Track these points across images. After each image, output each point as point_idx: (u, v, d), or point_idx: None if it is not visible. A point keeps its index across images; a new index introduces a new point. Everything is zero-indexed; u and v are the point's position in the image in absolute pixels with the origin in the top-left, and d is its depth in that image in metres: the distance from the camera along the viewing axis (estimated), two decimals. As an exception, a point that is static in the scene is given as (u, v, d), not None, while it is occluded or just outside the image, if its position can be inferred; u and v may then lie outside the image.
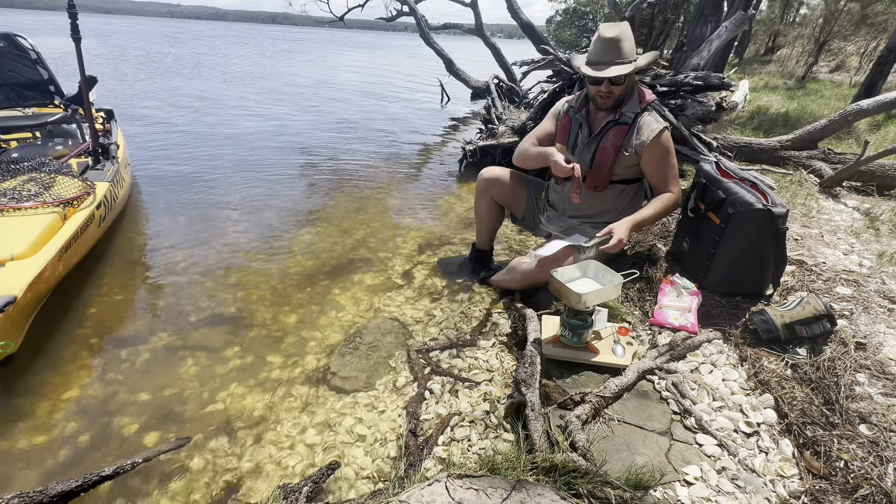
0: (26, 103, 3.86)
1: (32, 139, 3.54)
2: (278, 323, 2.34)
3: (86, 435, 1.68)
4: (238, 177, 4.54)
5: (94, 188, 2.69)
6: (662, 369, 1.68)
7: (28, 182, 2.54)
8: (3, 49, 3.75)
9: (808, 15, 17.71)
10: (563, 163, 2.05)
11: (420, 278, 2.80)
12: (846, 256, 2.33)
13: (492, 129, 5.11)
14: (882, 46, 9.72)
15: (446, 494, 1.11)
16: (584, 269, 1.80)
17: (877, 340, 1.62)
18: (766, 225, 1.80)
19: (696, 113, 3.91)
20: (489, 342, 2.16)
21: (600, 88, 2.02)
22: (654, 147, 2.02)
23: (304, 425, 1.74)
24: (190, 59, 17.03)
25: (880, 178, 3.56)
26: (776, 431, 1.44)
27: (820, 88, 10.58)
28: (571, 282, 1.73)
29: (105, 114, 4.25)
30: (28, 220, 2.23)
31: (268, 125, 7.03)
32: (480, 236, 2.75)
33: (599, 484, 1.19)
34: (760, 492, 1.26)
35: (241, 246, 3.12)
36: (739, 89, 8.08)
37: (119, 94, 8.56)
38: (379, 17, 11.39)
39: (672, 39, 16.92)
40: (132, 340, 2.18)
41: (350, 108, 9.12)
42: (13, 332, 1.89)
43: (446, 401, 1.81)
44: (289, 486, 1.45)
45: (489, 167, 2.58)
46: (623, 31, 1.97)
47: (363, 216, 3.74)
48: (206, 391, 1.89)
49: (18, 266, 1.98)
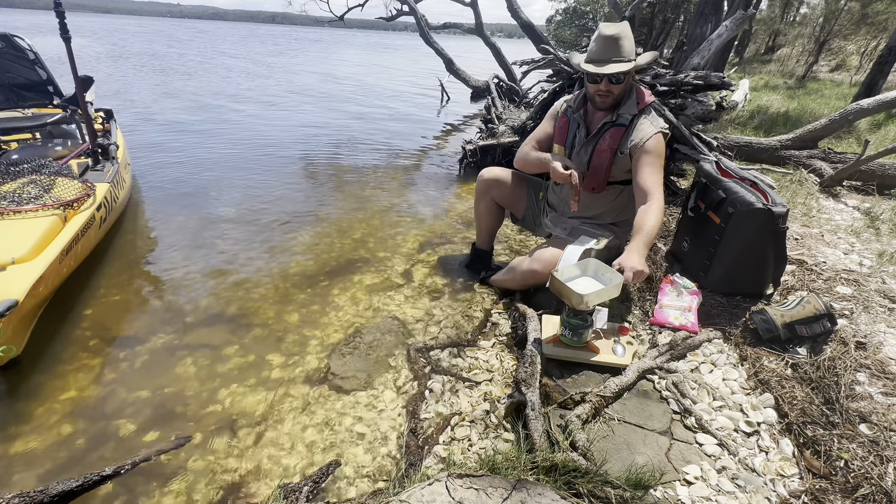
0: (26, 104, 3.85)
1: (32, 140, 3.53)
2: (279, 322, 2.34)
3: (86, 435, 1.67)
4: (238, 176, 4.54)
5: (93, 190, 2.68)
6: (663, 369, 1.69)
7: (28, 184, 2.53)
8: (0, 50, 3.73)
9: (808, 14, 17.69)
10: (560, 169, 2.04)
11: (420, 277, 2.80)
12: (846, 256, 2.33)
13: (492, 129, 5.11)
14: (882, 45, 9.72)
15: (447, 494, 1.11)
16: (583, 267, 1.80)
17: (877, 340, 1.62)
18: (767, 224, 1.80)
19: (696, 112, 3.91)
20: (489, 342, 2.16)
21: (599, 87, 2.01)
22: (645, 151, 1.98)
23: (304, 424, 1.74)
24: (190, 59, 17.02)
25: (880, 178, 3.56)
26: (776, 431, 1.44)
27: (820, 88, 10.58)
28: (572, 281, 1.73)
29: (104, 114, 4.24)
30: (28, 223, 2.22)
31: (267, 125, 7.03)
32: (480, 236, 2.75)
33: (600, 483, 1.19)
34: (760, 491, 1.26)
35: (241, 245, 3.12)
36: (740, 89, 8.09)
37: (120, 94, 8.57)
38: (379, 17, 11.40)
39: (672, 39, 16.93)
40: (132, 340, 2.18)
41: (350, 107, 9.11)
42: (16, 336, 1.88)
43: (447, 400, 1.81)
44: (289, 486, 1.45)
45: (489, 167, 2.58)
46: (623, 30, 1.96)
47: (363, 215, 3.74)
48: (207, 391, 1.89)
49: (20, 270, 1.97)
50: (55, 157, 3.17)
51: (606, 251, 2.22)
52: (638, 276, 1.67)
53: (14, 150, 3.32)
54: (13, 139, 3.44)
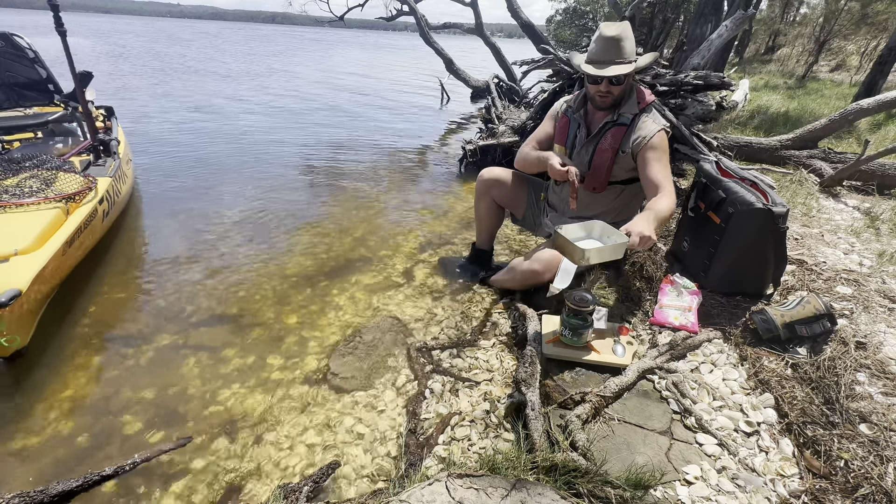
0: (27, 103, 3.88)
1: (34, 139, 3.56)
2: (279, 322, 2.34)
3: (87, 434, 1.68)
4: (238, 176, 4.54)
5: (95, 183, 2.70)
6: (663, 369, 1.69)
7: (30, 179, 2.56)
8: (0, 49, 3.76)
9: (808, 14, 17.70)
10: (558, 166, 2.04)
11: (420, 277, 2.80)
12: (846, 256, 2.33)
13: (492, 129, 5.11)
14: (882, 45, 9.72)
15: (447, 494, 1.11)
16: (589, 229, 1.78)
17: (877, 340, 1.62)
18: (767, 224, 1.80)
19: (696, 112, 3.91)
20: (489, 342, 2.16)
21: (599, 87, 2.01)
22: (651, 147, 1.98)
23: (304, 425, 1.74)
24: (190, 59, 17.02)
25: (880, 178, 3.56)
26: (776, 431, 1.44)
27: (820, 87, 10.57)
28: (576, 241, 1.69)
29: (105, 111, 4.27)
30: (31, 216, 2.24)
31: (268, 125, 7.03)
32: (480, 236, 2.75)
33: (600, 483, 1.19)
34: (760, 491, 1.26)
35: (242, 245, 3.12)
36: (739, 89, 8.08)
37: (120, 94, 8.57)
38: (379, 17, 11.40)
39: (672, 39, 16.93)
40: (133, 340, 2.18)
41: (350, 107, 9.12)
42: (20, 327, 1.89)
43: (447, 400, 1.81)
44: (289, 486, 1.45)
45: (489, 168, 2.58)
46: (624, 31, 1.96)
47: (363, 215, 3.74)
48: (208, 391, 1.89)
49: (23, 260, 1.98)
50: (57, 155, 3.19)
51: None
52: (644, 241, 1.60)
53: (17, 148, 3.35)
54: (16, 138, 3.47)
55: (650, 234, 1.61)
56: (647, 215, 1.71)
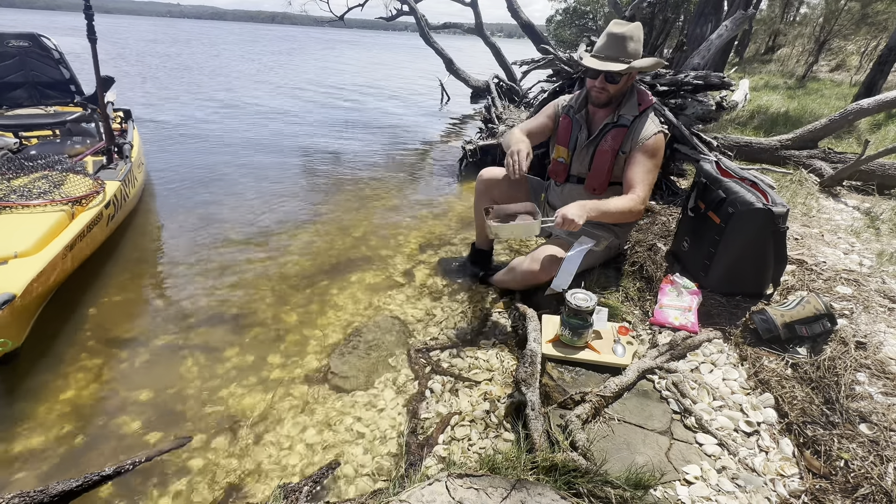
0: (48, 102, 3.94)
1: (52, 137, 3.59)
2: (279, 322, 2.34)
3: (86, 434, 1.68)
4: (239, 177, 4.54)
5: (103, 187, 2.69)
6: (662, 369, 1.69)
7: (39, 179, 2.55)
8: (27, 49, 3.85)
9: (808, 14, 17.69)
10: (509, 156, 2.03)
11: (420, 277, 2.80)
12: (846, 256, 2.33)
13: (492, 129, 5.11)
14: (882, 45, 9.72)
15: (447, 494, 1.11)
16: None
17: (877, 340, 1.62)
18: (767, 224, 1.80)
19: (696, 112, 3.90)
20: (489, 342, 2.16)
21: (595, 82, 2.02)
22: (642, 150, 2.00)
23: (304, 424, 1.74)
24: (190, 59, 17.02)
25: (880, 178, 3.56)
26: (776, 431, 1.44)
27: (820, 87, 10.58)
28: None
29: (123, 114, 4.30)
30: (35, 218, 2.23)
31: (268, 125, 7.03)
32: (480, 236, 2.75)
33: (600, 483, 1.19)
34: (760, 491, 1.26)
35: (243, 245, 3.12)
36: (739, 88, 8.08)
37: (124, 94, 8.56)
38: (379, 17, 11.39)
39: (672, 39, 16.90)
40: (132, 341, 2.18)
41: (350, 107, 9.12)
42: (13, 330, 1.88)
43: (447, 400, 1.81)
44: (289, 486, 1.45)
45: (489, 168, 2.58)
46: (632, 31, 1.96)
47: (364, 215, 3.74)
48: (207, 391, 1.89)
49: (21, 264, 1.97)
50: (72, 154, 3.22)
51: (606, 251, 2.23)
52: (567, 223, 1.80)
53: (33, 145, 3.38)
54: (34, 135, 3.51)
55: (573, 218, 1.79)
56: (586, 203, 1.88)
